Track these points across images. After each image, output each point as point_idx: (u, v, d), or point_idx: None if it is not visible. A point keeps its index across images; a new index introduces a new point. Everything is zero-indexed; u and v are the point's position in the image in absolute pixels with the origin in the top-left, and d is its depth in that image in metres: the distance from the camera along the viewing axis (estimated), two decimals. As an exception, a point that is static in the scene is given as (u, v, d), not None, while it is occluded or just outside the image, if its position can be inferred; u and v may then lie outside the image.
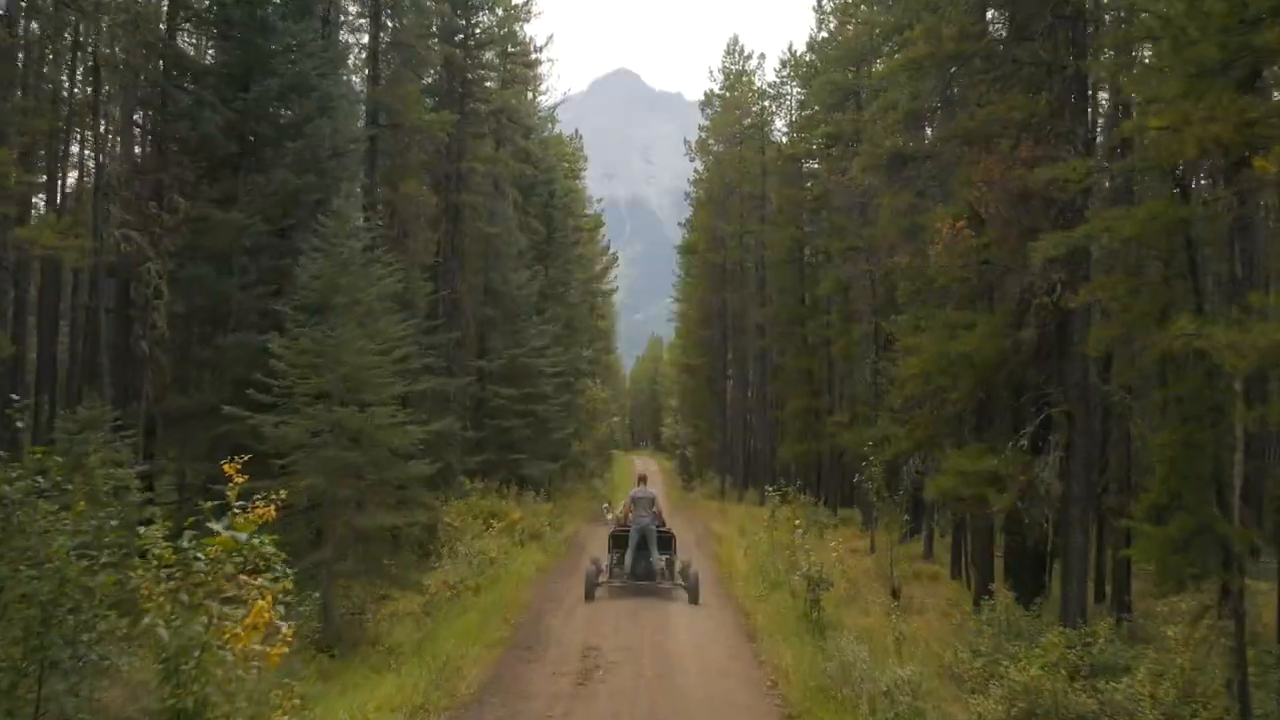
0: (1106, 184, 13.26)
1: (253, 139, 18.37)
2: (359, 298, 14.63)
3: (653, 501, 17.83)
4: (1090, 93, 12.57)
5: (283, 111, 18.46)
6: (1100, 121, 15.80)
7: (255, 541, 7.64)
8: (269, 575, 8.45)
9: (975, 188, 12.40)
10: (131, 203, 16.65)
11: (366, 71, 24.68)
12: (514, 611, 16.72)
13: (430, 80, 31.04)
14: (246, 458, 9.44)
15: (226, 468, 9.34)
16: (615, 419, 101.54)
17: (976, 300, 14.86)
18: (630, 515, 17.57)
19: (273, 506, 9.18)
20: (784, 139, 42.76)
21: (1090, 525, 14.64)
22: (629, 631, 15.15)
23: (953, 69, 14.10)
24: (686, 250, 53.27)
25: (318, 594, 12.75)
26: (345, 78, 26.77)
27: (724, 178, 45.49)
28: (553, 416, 32.19)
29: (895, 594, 18.28)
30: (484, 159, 31.50)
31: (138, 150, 19.67)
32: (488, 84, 33.00)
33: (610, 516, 29.17)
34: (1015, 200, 12.13)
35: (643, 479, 19.28)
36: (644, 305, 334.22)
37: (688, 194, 53.60)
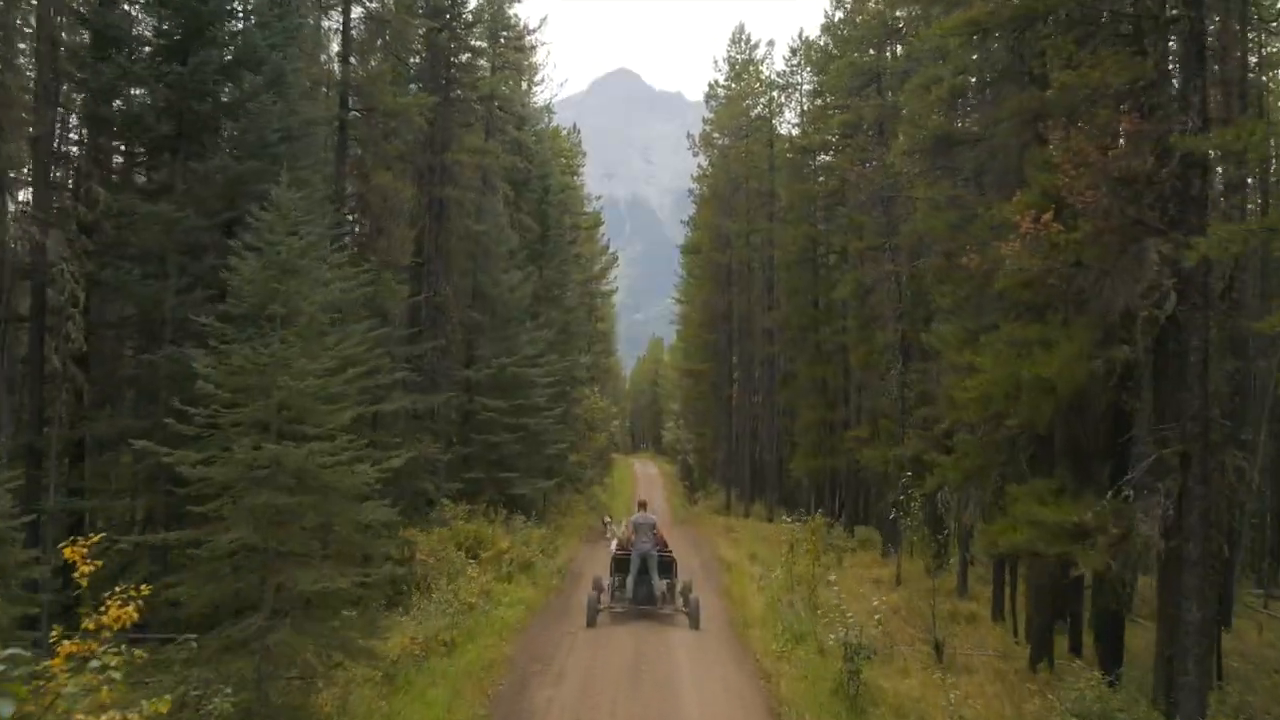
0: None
1: (197, 120, 15.79)
2: (301, 307, 12.04)
3: (653, 527, 18.30)
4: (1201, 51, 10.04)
5: (229, 88, 15.88)
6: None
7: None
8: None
9: (1062, 172, 9.90)
10: (43, 193, 14.08)
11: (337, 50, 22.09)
12: (493, 676, 14.17)
13: (414, 64, 28.53)
14: (96, 539, 6.93)
15: (69, 553, 6.81)
16: (615, 423, 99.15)
17: (1046, 310, 12.33)
18: (632, 539, 18.10)
19: (134, 606, 6.68)
20: (795, 131, 40.20)
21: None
22: (628, 707, 12.63)
23: (1021, 30, 11.59)
24: (689, 250, 50.74)
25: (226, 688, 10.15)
26: (323, 62, 24.24)
27: (730, 173, 42.92)
28: (546, 430, 29.62)
29: (939, 650, 15.71)
30: (472, 150, 28.94)
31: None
32: (478, 72, 30.48)
33: (610, 533, 28.51)
34: (1115, 186, 9.63)
35: (643, 505, 19.79)
36: (644, 305, 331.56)
37: (691, 190, 51.05)
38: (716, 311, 43.78)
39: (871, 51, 28.11)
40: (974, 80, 15.10)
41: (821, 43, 34.64)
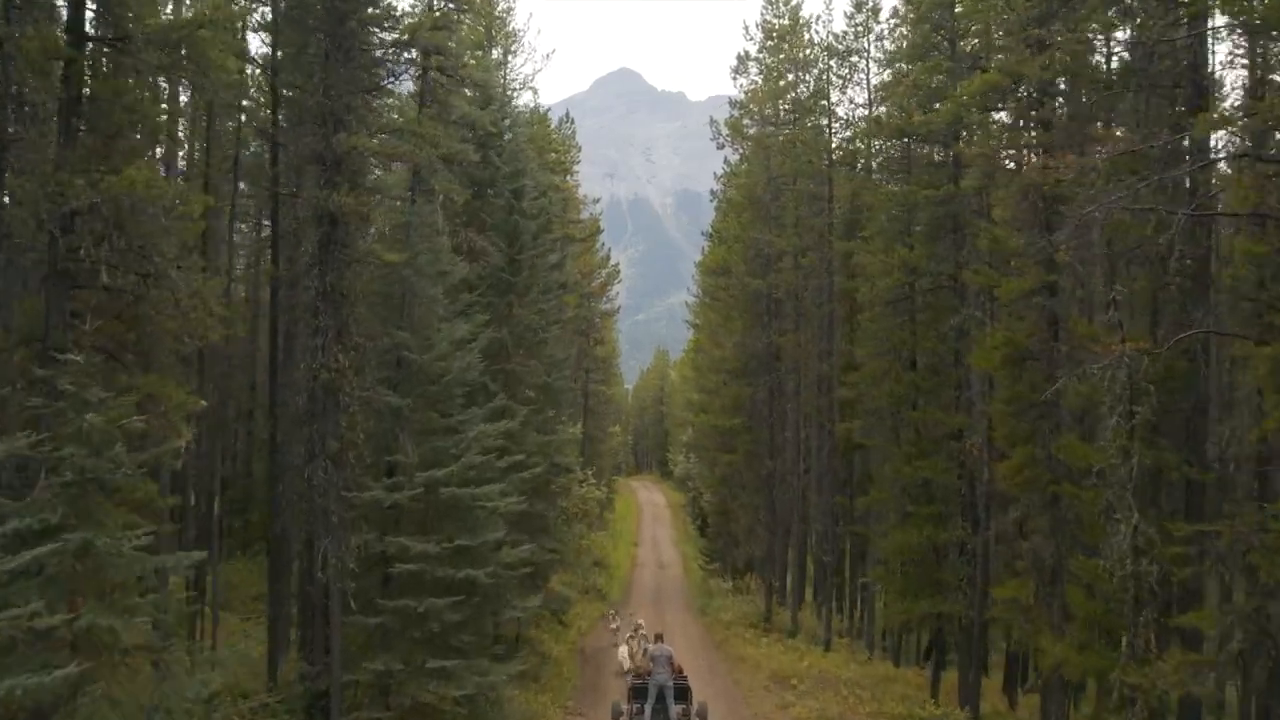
0: None
1: None
2: None
3: (670, 659, 18.90)
4: None
5: None
6: None
7: None
8: None
9: None
10: None
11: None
12: None
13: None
14: None
15: None
16: (618, 451, 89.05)
17: None
18: (649, 669, 18.91)
19: None
20: (862, 113, 29.33)
21: None
22: None
23: None
24: (711, 270, 39.81)
25: None
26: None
27: (770, 171, 31.99)
28: (505, 579, 18.63)
29: None
30: (385, 130, 18.08)
31: None
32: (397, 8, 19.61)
33: (615, 626, 28.29)
34: None
35: (659, 636, 20.73)
36: (646, 306, 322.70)
37: (713, 192, 40.24)
38: (752, 354, 32.72)
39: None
40: None
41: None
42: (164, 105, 15.98)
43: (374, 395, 17.70)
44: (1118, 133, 14.49)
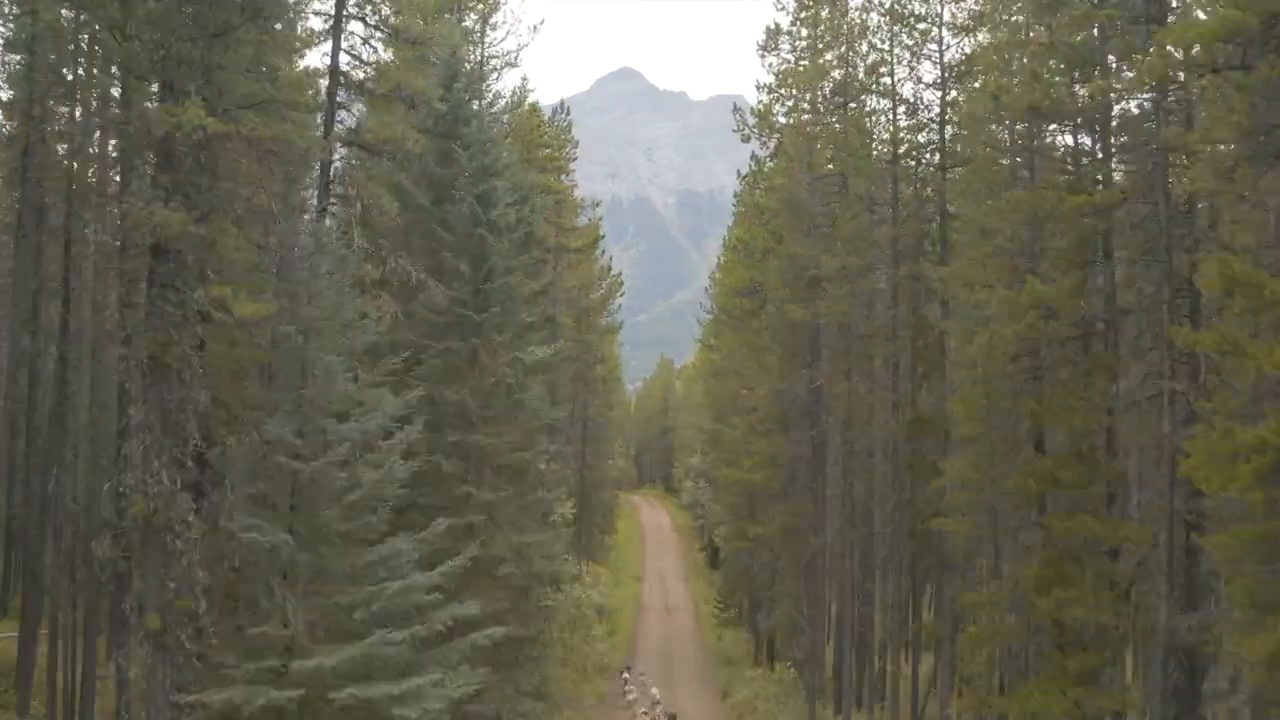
0: None
1: None
2: None
3: None
4: None
5: None
6: None
7: None
8: None
9: None
10: None
11: None
12: None
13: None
14: None
15: None
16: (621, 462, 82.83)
17: None
18: None
19: None
20: (935, 95, 22.63)
21: None
22: None
23: None
24: (734, 289, 33.05)
25: None
26: None
27: (812, 168, 25.27)
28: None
29: None
30: (255, 103, 11.42)
31: None
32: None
33: (633, 697, 26.80)
34: None
35: (672, 717, 22.51)
36: (648, 306, 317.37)
37: (737, 195, 33.56)
38: (792, 400, 25.93)
39: None
40: None
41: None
42: None
43: (233, 527, 11.04)
44: None
